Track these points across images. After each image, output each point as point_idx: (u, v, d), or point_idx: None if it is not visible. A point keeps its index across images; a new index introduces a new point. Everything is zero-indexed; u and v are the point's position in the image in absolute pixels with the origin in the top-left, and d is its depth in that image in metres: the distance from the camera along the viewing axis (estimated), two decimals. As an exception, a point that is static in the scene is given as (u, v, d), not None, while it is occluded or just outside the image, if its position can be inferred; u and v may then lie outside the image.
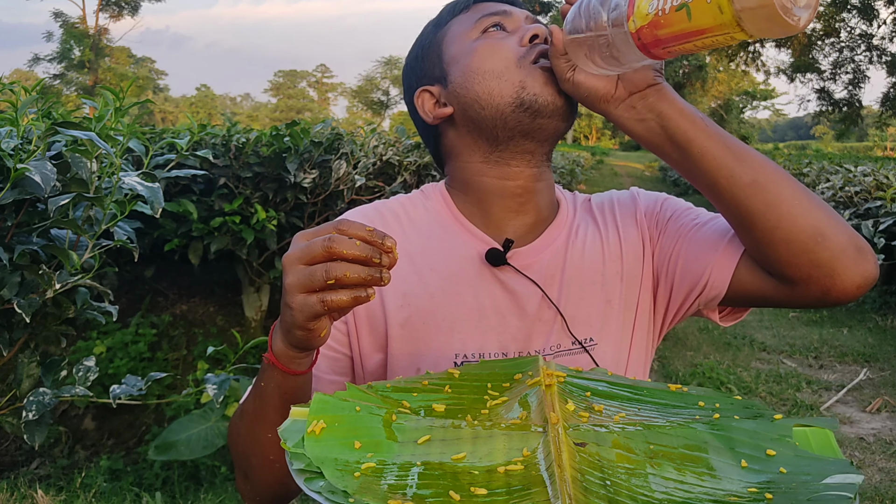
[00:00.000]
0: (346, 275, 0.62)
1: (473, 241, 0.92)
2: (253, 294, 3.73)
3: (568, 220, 0.97)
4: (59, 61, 35.00)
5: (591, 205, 1.02)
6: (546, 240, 0.93)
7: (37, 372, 1.61)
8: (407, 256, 0.90)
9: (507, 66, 0.87)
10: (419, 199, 0.98)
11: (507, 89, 0.86)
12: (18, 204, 1.49)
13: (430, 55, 0.94)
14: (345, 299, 0.63)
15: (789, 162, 11.06)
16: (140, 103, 1.68)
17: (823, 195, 6.71)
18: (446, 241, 0.92)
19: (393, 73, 51.33)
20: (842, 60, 25.99)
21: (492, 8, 0.92)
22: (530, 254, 0.91)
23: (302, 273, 0.64)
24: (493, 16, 0.91)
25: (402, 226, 0.94)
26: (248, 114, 66.63)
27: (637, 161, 27.36)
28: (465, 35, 0.91)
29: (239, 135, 3.22)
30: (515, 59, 0.87)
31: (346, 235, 0.63)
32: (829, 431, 0.60)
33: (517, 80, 0.86)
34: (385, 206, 0.97)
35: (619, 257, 0.94)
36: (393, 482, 0.52)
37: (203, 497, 2.70)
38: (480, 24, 0.90)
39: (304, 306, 0.65)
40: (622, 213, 0.98)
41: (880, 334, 4.98)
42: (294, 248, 0.66)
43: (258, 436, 0.78)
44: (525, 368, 0.72)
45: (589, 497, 0.50)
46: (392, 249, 0.64)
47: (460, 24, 0.92)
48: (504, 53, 0.88)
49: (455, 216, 0.94)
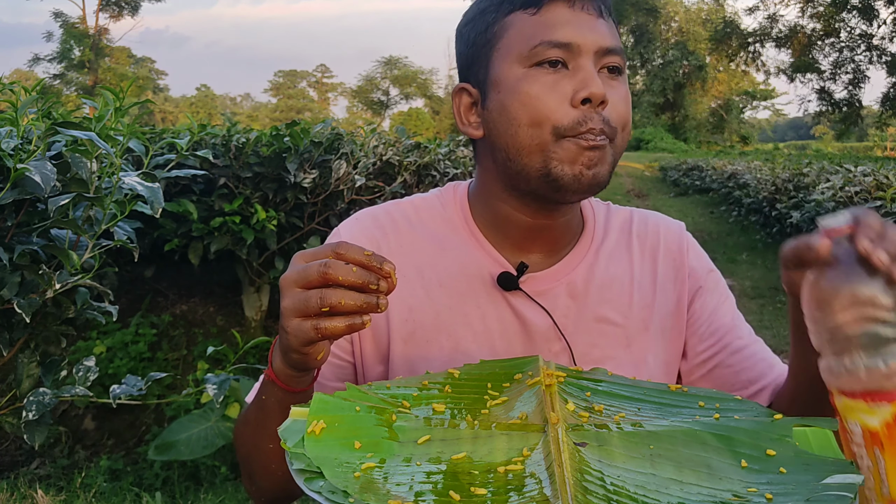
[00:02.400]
0: (342, 302, 0.61)
1: (487, 260, 0.87)
2: (253, 294, 3.73)
3: (595, 244, 0.90)
4: (59, 61, 35.00)
5: (633, 228, 0.93)
6: (567, 265, 0.88)
7: (37, 372, 1.61)
8: (416, 268, 0.87)
9: (544, 126, 0.77)
10: (436, 204, 0.92)
11: (537, 154, 0.78)
12: (18, 204, 1.49)
13: (481, 50, 0.83)
14: (340, 326, 0.62)
15: (789, 162, 11.06)
16: (140, 103, 1.68)
17: (823, 195, 6.71)
18: (459, 255, 0.87)
19: (393, 73, 51.35)
20: (842, 60, 25.99)
21: (556, 32, 0.77)
22: (546, 280, 0.86)
23: (298, 297, 0.63)
24: (554, 48, 0.77)
25: (413, 231, 0.90)
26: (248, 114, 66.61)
27: (637, 161, 27.36)
28: (516, 56, 0.79)
29: (239, 135, 3.22)
30: (557, 121, 0.76)
31: (343, 260, 0.62)
32: (829, 431, 0.60)
33: (550, 149, 0.77)
34: (398, 210, 0.92)
35: (649, 305, 0.88)
36: (393, 482, 0.52)
37: (203, 497, 2.70)
38: (536, 53, 0.78)
39: (298, 331, 0.64)
40: (665, 258, 0.91)
41: (880, 334, 4.97)
42: (291, 269, 0.65)
43: (260, 445, 0.78)
44: (525, 368, 0.72)
45: (589, 497, 0.50)
46: (391, 275, 0.63)
47: (520, 32, 0.80)
48: (547, 108, 0.77)
49: (471, 230, 0.89)
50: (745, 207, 11.17)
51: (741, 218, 11.17)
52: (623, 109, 0.80)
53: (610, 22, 0.82)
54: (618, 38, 0.82)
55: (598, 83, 0.76)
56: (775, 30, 26.86)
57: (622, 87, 0.80)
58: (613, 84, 0.79)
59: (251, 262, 3.46)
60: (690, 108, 44.89)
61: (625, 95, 0.80)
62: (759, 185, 10.42)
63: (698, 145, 41.70)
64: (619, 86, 0.80)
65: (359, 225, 0.91)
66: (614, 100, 0.78)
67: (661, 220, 0.95)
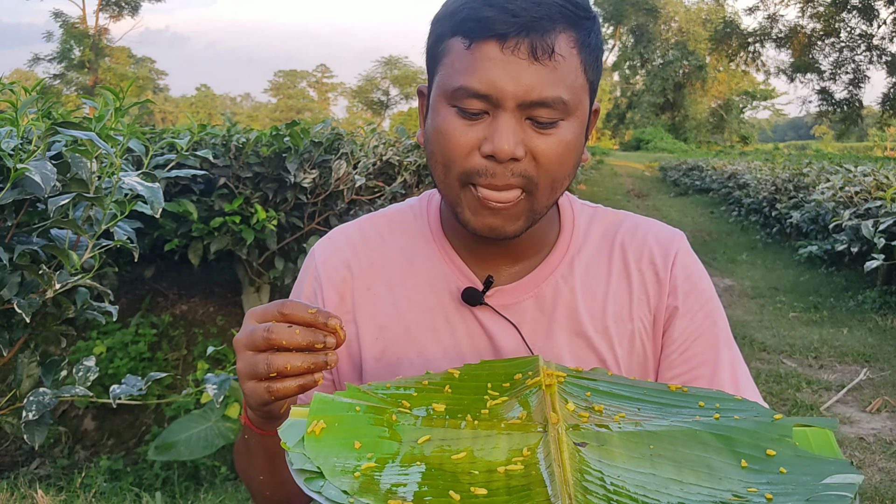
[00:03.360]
0: (287, 367, 0.62)
1: (456, 273, 0.85)
2: (253, 294, 3.73)
3: (570, 254, 0.86)
4: (59, 61, 34.97)
5: (617, 236, 0.88)
6: (536, 277, 0.85)
7: (37, 372, 1.61)
8: (386, 284, 0.87)
9: (451, 170, 0.75)
10: (409, 216, 0.91)
11: (447, 194, 0.77)
12: (18, 204, 1.49)
13: (431, 62, 0.79)
14: (291, 387, 0.63)
15: (789, 162, 11.06)
16: (140, 103, 1.68)
17: (823, 195, 6.71)
18: (428, 270, 0.86)
19: (393, 73, 51.34)
20: (842, 60, 25.99)
21: (478, 77, 0.71)
22: (513, 293, 0.84)
23: (248, 360, 0.65)
24: (472, 97, 0.72)
25: (384, 247, 0.89)
26: (248, 114, 66.62)
27: (637, 161, 27.37)
28: (443, 90, 0.75)
29: (239, 135, 3.23)
30: (462, 167, 0.74)
31: (287, 321, 0.63)
32: (829, 431, 0.60)
33: (456, 193, 0.76)
34: (372, 225, 0.91)
35: (624, 319, 0.85)
36: (393, 482, 0.52)
37: (203, 497, 2.70)
38: (456, 95, 0.73)
39: (254, 393, 0.65)
40: (648, 271, 0.86)
41: (880, 334, 4.98)
42: (243, 330, 0.66)
43: (252, 475, 0.80)
44: (525, 368, 0.72)
45: (589, 497, 0.50)
46: (337, 330, 0.63)
47: (452, 63, 0.74)
48: (454, 153, 0.74)
49: (440, 244, 0.87)
50: (745, 207, 11.18)
51: (741, 218, 11.18)
52: (547, 161, 0.73)
53: (553, 63, 0.71)
54: (564, 81, 0.72)
55: (506, 140, 0.71)
56: (775, 30, 26.86)
57: (552, 137, 0.73)
58: (541, 135, 0.73)
59: (251, 262, 3.46)
60: (690, 108, 44.89)
61: (554, 146, 0.73)
62: (759, 185, 10.42)
63: (698, 145, 41.70)
64: (549, 136, 0.73)
65: (332, 246, 0.91)
66: (538, 151, 0.73)
67: (651, 230, 0.89)
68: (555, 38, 0.71)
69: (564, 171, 0.76)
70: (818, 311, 5.68)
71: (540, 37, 0.70)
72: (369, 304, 0.86)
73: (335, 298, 0.87)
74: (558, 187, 0.77)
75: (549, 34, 0.71)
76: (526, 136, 0.73)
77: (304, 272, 0.91)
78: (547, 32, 0.71)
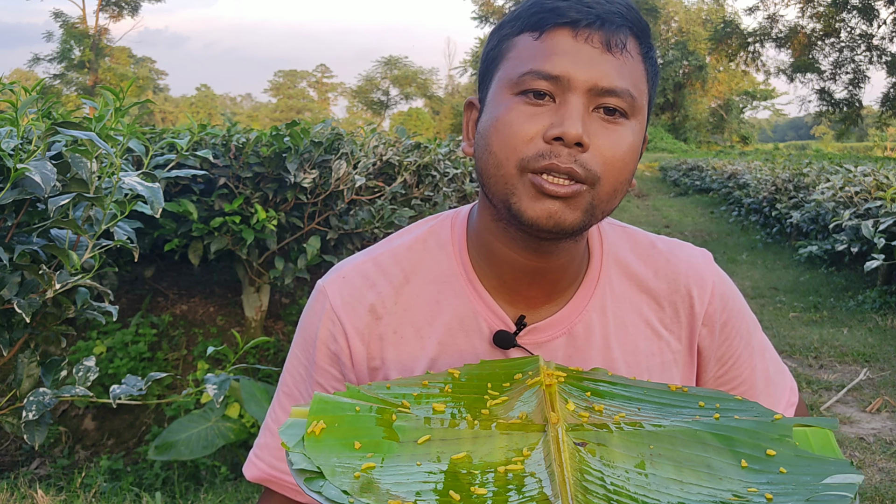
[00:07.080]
0: None
1: (486, 313, 0.81)
2: (253, 294, 3.73)
3: (602, 285, 0.83)
4: (59, 61, 34.99)
5: (648, 274, 0.85)
6: (569, 313, 0.82)
7: (37, 372, 1.61)
8: (413, 327, 0.82)
9: (510, 157, 0.71)
10: (432, 246, 0.85)
11: (501, 185, 0.72)
12: (18, 204, 1.49)
13: (489, 66, 0.78)
14: None
15: (789, 162, 11.06)
16: (140, 103, 1.68)
17: (823, 195, 6.71)
18: (457, 310, 0.82)
19: (393, 73, 51.34)
20: (842, 60, 25.99)
21: (549, 61, 0.70)
22: (546, 330, 0.81)
23: None
24: (541, 79, 0.70)
25: (409, 286, 0.83)
26: (248, 114, 66.60)
27: (637, 161, 27.30)
28: (507, 81, 0.73)
29: (239, 135, 3.22)
30: (522, 153, 0.70)
31: None
32: (829, 431, 0.60)
33: (512, 182, 0.71)
34: (392, 260, 0.85)
35: (656, 353, 0.83)
36: (393, 482, 0.52)
37: (203, 497, 2.70)
38: (523, 81, 0.71)
39: None
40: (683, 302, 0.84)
41: (880, 334, 4.98)
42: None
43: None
44: (525, 368, 0.72)
45: (589, 497, 0.50)
46: None
47: (519, 54, 0.73)
48: (516, 138, 0.70)
49: (469, 279, 0.82)
50: (745, 207, 11.18)
51: (741, 218, 11.18)
52: (612, 155, 0.71)
53: (623, 58, 0.71)
54: (632, 78, 0.72)
55: (574, 123, 0.68)
56: (775, 30, 26.85)
57: (618, 131, 0.71)
58: (607, 127, 0.71)
59: (251, 262, 3.46)
60: (690, 108, 44.88)
61: (619, 141, 0.71)
62: (759, 185, 10.43)
63: (698, 145, 41.71)
64: (615, 130, 0.71)
65: (349, 287, 0.84)
66: (602, 144, 0.70)
67: (683, 258, 0.86)
68: (626, 36, 0.72)
69: (625, 175, 0.73)
70: (818, 311, 5.68)
71: (613, 30, 0.71)
72: (396, 347, 0.82)
73: (361, 348, 0.82)
74: (619, 190, 0.73)
75: (621, 29, 0.72)
76: (592, 129, 0.70)
77: (315, 314, 0.85)
78: (619, 28, 0.72)
